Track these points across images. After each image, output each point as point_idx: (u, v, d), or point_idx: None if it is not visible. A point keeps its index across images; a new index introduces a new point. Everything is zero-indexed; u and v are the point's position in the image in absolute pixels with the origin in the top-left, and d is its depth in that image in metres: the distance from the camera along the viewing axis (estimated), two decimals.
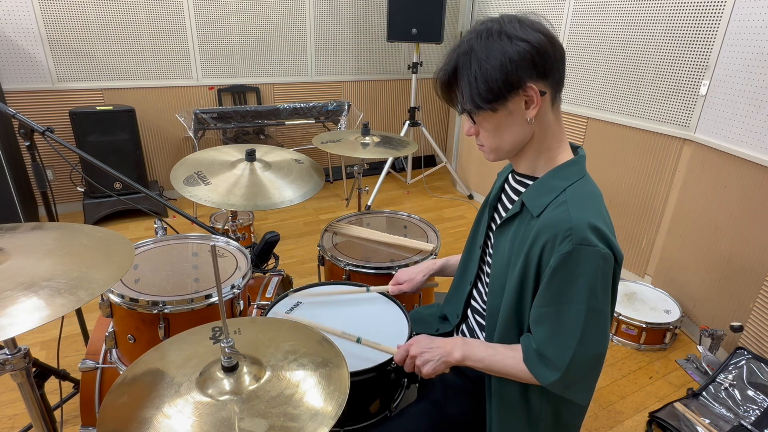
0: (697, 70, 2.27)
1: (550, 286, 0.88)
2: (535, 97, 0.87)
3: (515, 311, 0.95)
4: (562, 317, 0.87)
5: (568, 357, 0.87)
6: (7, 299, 0.75)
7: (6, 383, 1.92)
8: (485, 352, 0.97)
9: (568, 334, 0.87)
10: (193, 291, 1.30)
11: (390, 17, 3.62)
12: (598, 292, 0.85)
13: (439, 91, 0.95)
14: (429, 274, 1.39)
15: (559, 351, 0.87)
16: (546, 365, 0.89)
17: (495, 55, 0.84)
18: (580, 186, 0.91)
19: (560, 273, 0.86)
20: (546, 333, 0.89)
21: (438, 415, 1.09)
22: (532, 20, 0.88)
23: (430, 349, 1.01)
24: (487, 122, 0.93)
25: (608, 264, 0.85)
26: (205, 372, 0.86)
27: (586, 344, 0.87)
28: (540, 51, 0.84)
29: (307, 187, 1.63)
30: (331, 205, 3.92)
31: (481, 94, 0.87)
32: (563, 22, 2.98)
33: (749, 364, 1.94)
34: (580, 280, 0.85)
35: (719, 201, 2.20)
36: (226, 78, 3.81)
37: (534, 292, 0.92)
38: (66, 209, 3.59)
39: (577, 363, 0.87)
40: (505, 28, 0.85)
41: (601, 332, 0.88)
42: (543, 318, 0.90)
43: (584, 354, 0.87)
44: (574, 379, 0.89)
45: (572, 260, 0.84)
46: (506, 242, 0.98)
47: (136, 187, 1.70)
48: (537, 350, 0.90)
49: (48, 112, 3.35)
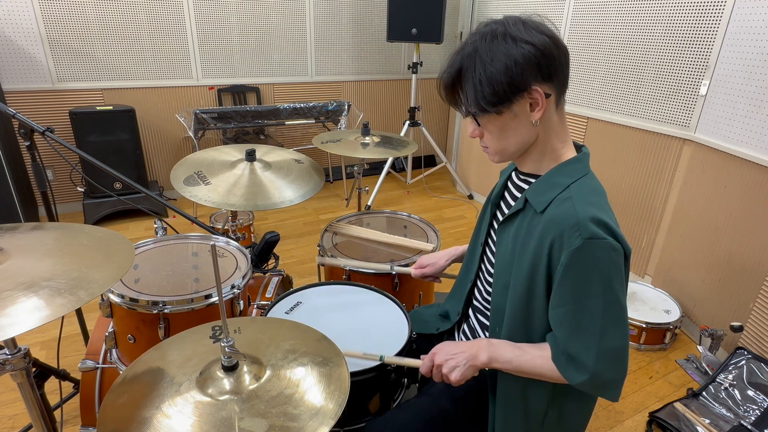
0: (697, 70, 2.27)
1: (564, 285, 0.87)
2: (540, 100, 0.87)
3: (523, 309, 0.95)
4: (582, 313, 0.86)
5: (593, 354, 0.86)
6: (7, 299, 0.75)
7: (6, 383, 1.92)
8: (512, 352, 0.95)
9: (589, 329, 0.86)
10: (193, 291, 1.30)
11: (390, 17, 3.62)
12: (613, 284, 0.85)
13: (442, 94, 0.95)
14: (452, 260, 1.39)
15: (583, 348, 0.87)
16: (574, 366, 0.88)
17: (500, 58, 0.84)
18: (584, 182, 0.91)
19: (573, 269, 0.85)
20: (568, 332, 0.88)
21: (438, 409, 1.09)
22: (537, 22, 0.87)
23: (454, 355, 0.98)
24: (491, 125, 0.92)
25: (619, 255, 0.85)
26: (205, 371, 0.86)
27: (609, 337, 0.86)
28: (545, 53, 0.84)
29: (307, 187, 1.63)
30: (331, 205, 3.91)
31: (486, 97, 0.87)
32: (563, 22, 2.98)
33: (749, 364, 1.94)
34: (594, 274, 0.84)
35: (719, 201, 2.20)
36: (226, 78, 3.81)
37: (545, 290, 0.91)
38: (66, 209, 3.59)
39: (603, 359, 0.86)
40: (510, 31, 0.85)
41: (622, 324, 0.87)
42: (562, 318, 0.89)
43: (608, 348, 0.86)
44: (603, 376, 0.87)
45: (583, 255, 0.84)
46: (509, 239, 0.98)
47: (136, 187, 1.70)
48: (564, 350, 0.89)
49: (48, 112, 3.35)
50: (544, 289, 0.91)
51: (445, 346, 1.02)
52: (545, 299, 0.92)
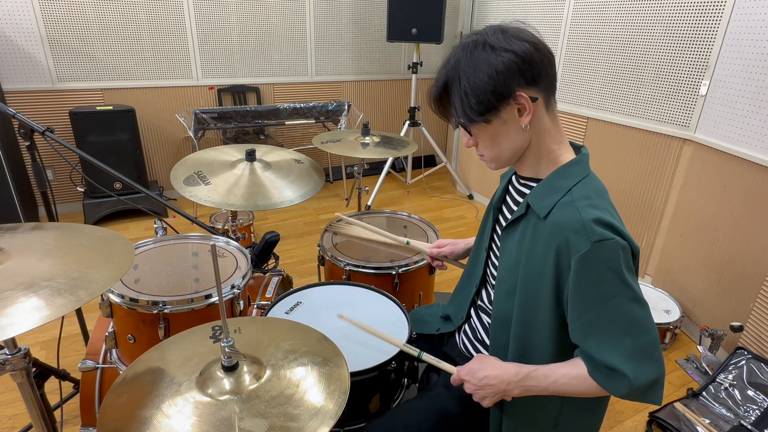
0: (697, 70, 2.27)
1: (580, 294, 0.86)
2: (526, 105, 0.87)
3: (528, 316, 0.94)
4: (605, 317, 0.85)
5: (626, 357, 0.84)
6: (7, 299, 0.75)
7: (6, 383, 1.92)
8: (546, 381, 0.92)
9: (616, 332, 0.85)
10: (193, 291, 1.30)
11: (390, 17, 3.62)
12: (629, 281, 0.84)
13: (433, 107, 0.96)
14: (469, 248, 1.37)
15: (616, 354, 0.85)
16: (614, 377, 0.86)
17: (481, 68, 0.85)
18: (585, 184, 0.91)
19: (586, 275, 0.84)
20: (596, 341, 0.87)
21: (439, 411, 1.09)
22: (516, 29, 0.88)
23: (485, 386, 0.96)
24: (483, 133, 0.93)
25: (628, 253, 0.85)
26: (205, 371, 0.86)
27: (637, 335, 0.85)
28: (525, 59, 0.85)
29: (307, 187, 1.63)
30: (331, 205, 3.91)
31: (473, 107, 0.88)
32: (563, 22, 2.98)
33: (749, 364, 1.94)
34: (608, 276, 0.84)
35: (719, 201, 2.20)
36: (226, 78, 3.81)
37: (553, 297, 0.90)
38: (66, 209, 3.59)
39: (637, 359, 0.84)
40: (489, 40, 0.86)
41: (647, 319, 0.86)
42: (588, 327, 0.87)
43: (639, 346, 0.85)
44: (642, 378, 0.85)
45: (594, 258, 0.83)
46: (513, 245, 0.98)
47: (136, 187, 1.70)
48: (599, 362, 0.87)
49: (48, 112, 3.35)
50: (551, 296, 0.90)
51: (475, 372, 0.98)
52: (551, 306, 0.91)
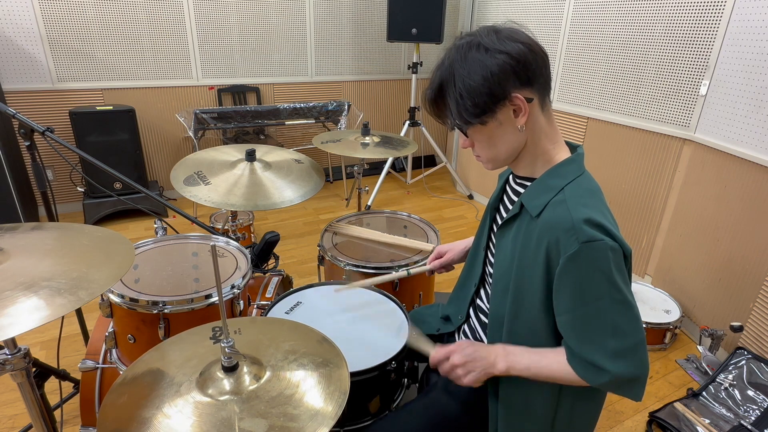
0: (697, 70, 2.27)
1: (564, 291, 0.87)
2: (522, 106, 0.87)
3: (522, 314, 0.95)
4: (589, 317, 0.86)
5: (609, 355, 0.85)
6: (7, 299, 0.75)
7: (6, 383, 1.92)
8: (529, 359, 0.94)
9: (599, 332, 0.85)
10: (193, 291, 1.30)
11: (390, 17, 3.62)
12: (617, 283, 0.84)
13: (428, 110, 0.96)
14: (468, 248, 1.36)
15: (597, 351, 0.86)
16: (592, 369, 0.87)
17: (476, 70, 0.85)
18: (578, 183, 0.91)
19: (572, 275, 0.85)
20: (577, 338, 0.88)
21: (438, 412, 1.09)
22: (510, 30, 0.88)
23: (473, 360, 0.98)
24: (479, 135, 0.93)
25: (618, 255, 0.84)
26: (205, 372, 0.86)
27: (621, 336, 0.85)
28: (520, 60, 0.85)
29: (307, 187, 1.63)
30: (331, 205, 3.91)
31: (468, 110, 0.88)
32: (563, 22, 2.98)
33: (749, 364, 1.94)
34: (596, 276, 0.84)
35: (719, 201, 2.20)
36: (226, 78, 3.81)
37: (544, 295, 0.90)
38: (66, 209, 3.59)
39: (620, 358, 0.85)
40: (483, 41, 0.86)
41: (634, 320, 0.86)
42: (570, 324, 0.88)
43: (624, 346, 0.85)
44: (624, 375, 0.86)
45: (581, 259, 0.83)
46: (508, 244, 0.98)
47: (136, 187, 1.70)
48: (578, 355, 0.89)
49: (48, 112, 3.35)
50: (542, 294, 0.91)
51: (465, 347, 1.00)
52: (543, 304, 0.91)
